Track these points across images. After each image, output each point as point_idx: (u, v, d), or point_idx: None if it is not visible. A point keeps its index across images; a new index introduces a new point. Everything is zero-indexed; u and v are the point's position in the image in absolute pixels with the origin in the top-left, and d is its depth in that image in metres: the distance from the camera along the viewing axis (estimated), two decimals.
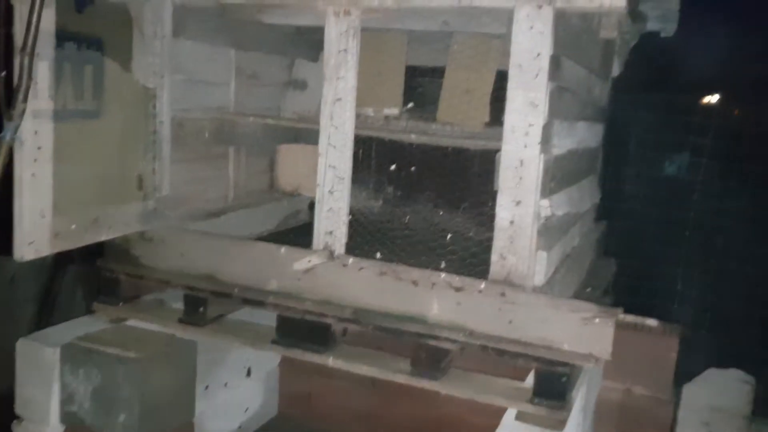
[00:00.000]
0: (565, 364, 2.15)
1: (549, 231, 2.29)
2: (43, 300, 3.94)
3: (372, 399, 3.44)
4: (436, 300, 2.28)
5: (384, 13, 2.37)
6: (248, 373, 3.41)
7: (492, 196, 2.25)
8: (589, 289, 2.82)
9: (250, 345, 2.61)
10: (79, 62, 2.22)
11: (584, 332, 2.13)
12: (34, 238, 2.12)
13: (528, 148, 2.13)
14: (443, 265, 2.51)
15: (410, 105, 3.21)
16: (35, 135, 2.06)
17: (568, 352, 2.14)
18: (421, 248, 2.78)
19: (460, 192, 3.42)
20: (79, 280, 3.96)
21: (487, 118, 3.05)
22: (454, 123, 3.10)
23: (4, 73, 1.56)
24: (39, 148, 2.09)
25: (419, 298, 2.31)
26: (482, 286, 2.21)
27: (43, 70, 2.05)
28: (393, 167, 3.37)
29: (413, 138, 2.94)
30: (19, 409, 2.58)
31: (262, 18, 3.08)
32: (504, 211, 2.18)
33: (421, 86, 3.43)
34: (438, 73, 3.32)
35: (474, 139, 2.91)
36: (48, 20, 2.05)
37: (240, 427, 3.40)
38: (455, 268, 2.44)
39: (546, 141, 2.15)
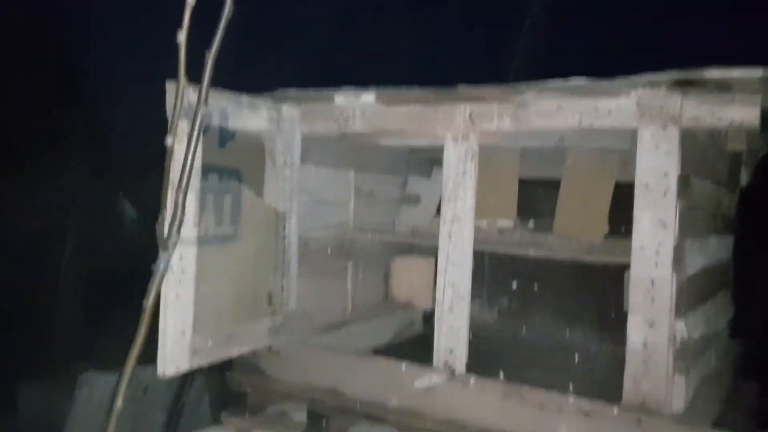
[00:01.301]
0: None
1: (686, 353, 2.18)
2: (173, 408, 4.10)
3: None
4: (565, 425, 2.19)
5: (501, 135, 2.45)
6: None
7: (616, 311, 2.18)
8: (731, 415, 2.61)
9: None
10: (220, 191, 2.42)
11: None
12: (175, 355, 2.25)
13: (659, 268, 2.07)
14: (571, 387, 2.42)
15: (531, 223, 3.21)
16: (180, 259, 2.23)
17: None
18: (546, 368, 2.70)
19: (581, 308, 3.33)
20: (206, 390, 4.11)
21: (605, 230, 3.01)
22: (570, 235, 3.07)
23: (165, 211, 1.72)
24: (182, 271, 2.25)
25: (546, 422, 2.22)
26: (615, 412, 2.11)
27: (190, 201, 2.24)
28: (513, 284, 3.36)
29: (531, 252, 2.93)
30: None
31: (380, 142, 3.26)
32: (636, 334, 2.11)
33: (534, 198, 3.45)
34: (550, 184, 3.33)
35: (594, 254, 2.86)
36: (197, 157, 2.25)
37: None
38: (583, 390, 2.34)
39: (678, 261, 2.08)
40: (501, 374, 2.48)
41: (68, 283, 4.79)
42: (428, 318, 3.82)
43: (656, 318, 2.09)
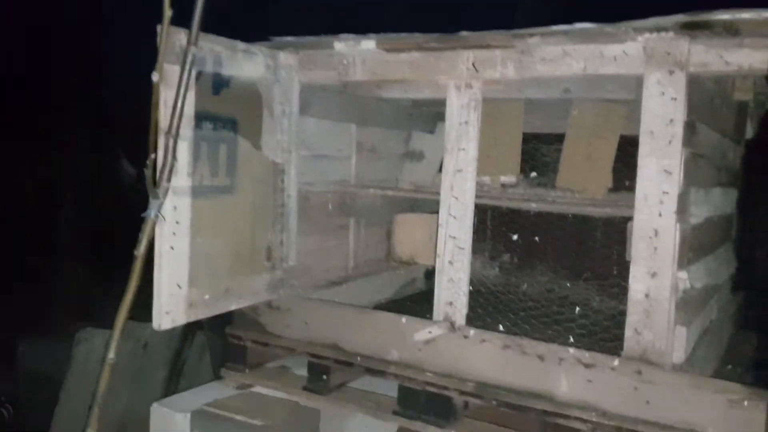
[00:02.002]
0: None
1: (688, 304, 2.15)
2: (173, 365, 4.13)
3: None
4: (565, 377, 2.18)
5: (505, 84, 2.39)
6: None
7: (618, 264, 2.15)
8: (729, 367, 2.60)
9: (372, 415, 2.58)
10: (215, 141, 2.37)
11: (731, 416, 1.95)
12: (171, 308, 2.24)
13: (663, 217, 2.03)
14: (571, 339, 2.40)
15: (533, 174, 3.17)
16: (174, 210, 2.20)
17: None
18: (546, 320, 2.69)
19: (582, 261, 3.31)
20: (207, 347, 4.13)
21: (609, 184, 2.97)
22: (574, 189, 3.03)
23: (154, 156, 1.68)
24: (177, 222, 2.22)
25: (546, 374, 2.21)
26: (615, 363, 2.09)
27: (183, 150, 2.19)
28: (515, 237, 3.33)
29: (533, 206, 2.89)
30: None
31: (381, 93, 3.20)
32: (638, 284, 2.08)
33: (538, 153, 3.40)
34: (553, 138, 3.29)
35: (597, 207, 2.83)
36: (189, 103, 2.21)
37: None
38: (583, 343, 2.33)
39: (682, 210, 2.04)
40: (500, 327, 2.47)
41: (67, 240, 4.79)
42: (430, 275, 3.80)
43: (659, 268, 2.05)
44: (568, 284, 3.02)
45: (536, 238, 3.50)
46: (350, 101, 3.19)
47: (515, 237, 3.40)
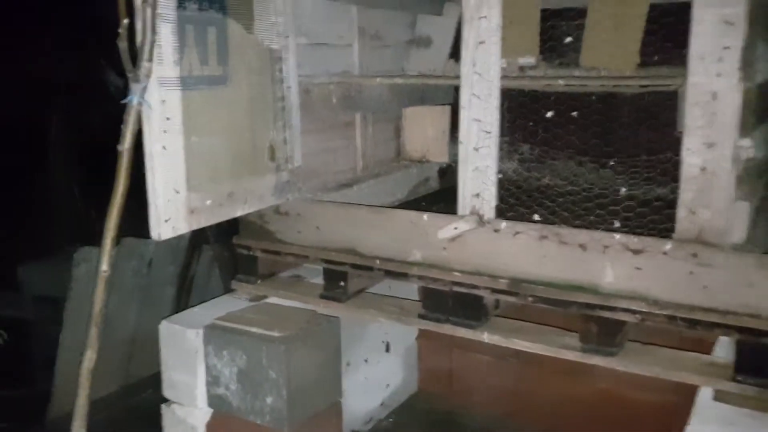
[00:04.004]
0: None
1: (749, 176, 1.91)
2: (181, 282, 3.96)
3: (517, 373, 3.19)
4: (610, 265, 1.97)
5: None
6: (387, 349, 3.28)
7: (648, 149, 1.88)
8: None
9: (396, 320, 2.41)
10: (202, 24, 2.07)
11: None
12: (170, 215, 2.01)
13: (723, 78, 1.76)
14: (616, 224, 2.18)
15: (568, 40, 2.87)
16: (163, 104, 1.93)
17: None
18: (587, 207, 2.45)
19: (609, 148, 3.06)
20: (215, 261, 3.94)
21: (638, 59, 2.69)
22: (600, 66, 2.75)
23: (126, 21, 1.39)
24: (168, 118, 1.96)
25: (589, 264, 2.00)
26: (668, 246, 1.88)
27: (167, 33, 1.90)
28: (535, 128, 3.05)
29: (561, 84, 2.61)
30: (166, 392, 2.54)
31: None
32: (693, 157, 1.83)
33: (558, 31, 3.09)
34: (574, 14, 2.98)
35: (630, 81, 2.56)
36: None
37: (382, 404, 3.26)
38: (629, 228, 2.11)
39: (747, 66, 1.76)
40: (536, 216, 2.24)
41: (58, 160, 4.53)
42: (444, 172, 3.59)
43: (717, 137, 1.80)
44: (595, 173, 2.77)
45: (558, 127, 3.24)
46: None
47: (536, 128, 3.11)
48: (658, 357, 2.01)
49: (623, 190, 2.49)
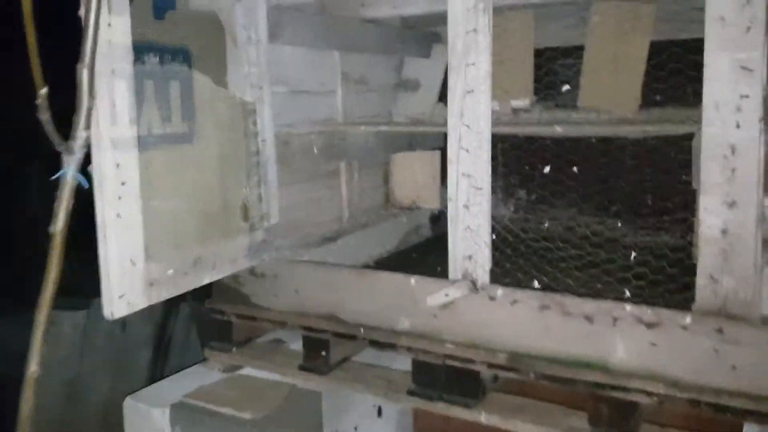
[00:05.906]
0: None
1: None
2: (157, 343, 3.71)
3: None
4: (621, 340, 1.75)
5: None
6: (379, 413, 3.03)
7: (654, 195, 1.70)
8: None
9: (382, 396, 2.18)
10: (164, 78, 1.88)
11: None
12: (125, 290, 1.79)
13: (742, 129, 1.56)
14: (627, 293, 1.96)
15: (566, 88, 2.70)
16: (117, 168, 1.72)
17: None
18: (594, 271, 2.24)
19: (611, 195, 2.87)
20: (194, 320, 3.69)
21: (639, 100, 2.52)
22: (600, 107, 2.58)
23: (44, 91, 1.19)
24: (123, 183, 1.75)
25: (596, 337, 1.78)
26: (687, 320, 1.66)
27: (121, 90, 1.71)
28: (531, 172, 2.86)
29: (558, 130, 2.42)
30: None
31: (366, 12, 2.70)
32: (712, 217, 1.62)
33: (552, 71, 2.92)
34: (570, 52, 2.82)
35: (632, 125, 2.38)
36: (122, 31, 1.72)
37: None
38: (642, 297, 1.90)
39: None
40: (536, 283, 2.02)
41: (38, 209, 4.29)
42: (436, 219, 3.39)
43: (739, 195, 1.60)
44: (596, 222, 2.57)
45: (556, 172, 3.05)
46: (330, 23, 2.67)
47: (532, 173, 2.92)
48: None
49: (633, 254, 2.27)
